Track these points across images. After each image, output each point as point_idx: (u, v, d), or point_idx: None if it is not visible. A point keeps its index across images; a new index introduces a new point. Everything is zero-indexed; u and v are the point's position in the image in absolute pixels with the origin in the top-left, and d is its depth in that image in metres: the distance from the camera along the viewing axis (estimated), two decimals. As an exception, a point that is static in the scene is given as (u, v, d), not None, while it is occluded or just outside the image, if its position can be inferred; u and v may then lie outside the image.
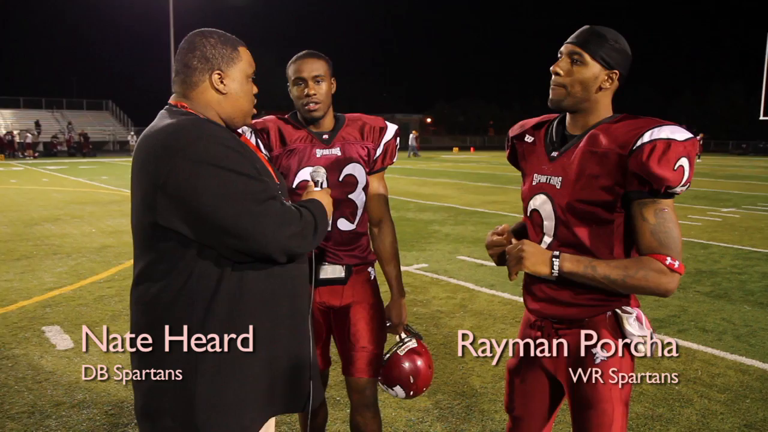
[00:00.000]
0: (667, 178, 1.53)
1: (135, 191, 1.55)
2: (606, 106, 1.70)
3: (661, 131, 1.55)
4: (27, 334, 4.46)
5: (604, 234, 1.66)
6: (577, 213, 1.67)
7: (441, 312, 5.06)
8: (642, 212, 1.59)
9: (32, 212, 11.00)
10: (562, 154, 1.73)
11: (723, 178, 20.36)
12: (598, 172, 1.62)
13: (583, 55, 1.64)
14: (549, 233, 1.75)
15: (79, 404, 3.33)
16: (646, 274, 1.55)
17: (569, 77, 1.66)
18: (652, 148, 1.53)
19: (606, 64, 1.64)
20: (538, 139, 1.84)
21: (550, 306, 1.76)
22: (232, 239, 1.46)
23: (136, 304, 1.58)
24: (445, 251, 7.60)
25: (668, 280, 1.55)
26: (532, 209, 1.80)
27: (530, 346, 1.81)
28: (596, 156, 1.62)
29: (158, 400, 1.53)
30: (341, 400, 3.42)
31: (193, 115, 1.59)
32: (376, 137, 2.33)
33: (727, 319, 4.91)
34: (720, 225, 9.83)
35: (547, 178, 1.75)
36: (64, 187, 16.07)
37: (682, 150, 1.54)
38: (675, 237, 1.57)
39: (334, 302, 2.30)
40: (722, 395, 3.46)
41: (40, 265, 6.74)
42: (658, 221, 1.58)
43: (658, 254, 1.57)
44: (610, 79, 1.66)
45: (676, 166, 1.53)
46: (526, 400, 1.91)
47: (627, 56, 1.68)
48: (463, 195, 14.52)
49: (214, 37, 1.64)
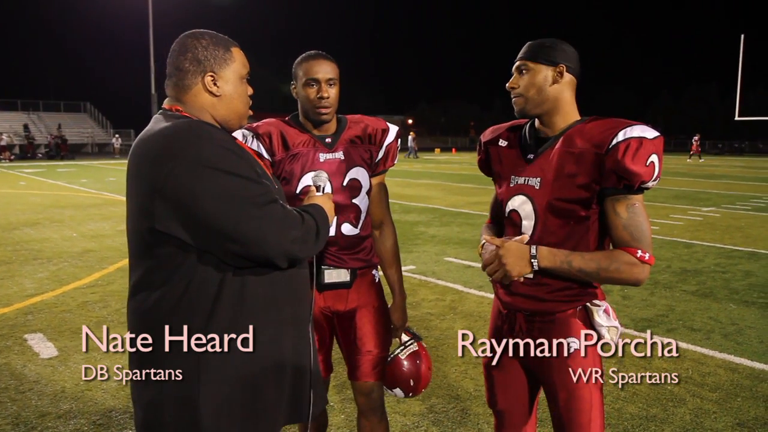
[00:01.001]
0: (640, 173, 1.64)
1: (131, 197, 1.50)
2: (569, 103, 1.80)
3: (633, 130, 1.66)
4: (8, 343, 4.35)
5: (580, 230, 1.76)
6: (556, 211, 1.76)
7: (431, 314, 5.04)
8: (615, 207, 1.70)
9: (10, 216, 10.77)
10: (539, 155, 1.81)
11: (701, 178, 20.65)
12: (576, 171, 1.72)
13: (527, 63, 1.78)
14: (527, 231, 1.82)
15: (65, 414, 3.25)
16: (619, 266, 1.67)
17: (522, 87, 1.79)
18: (627, 146, 1.64)
19: (550, 62, 1.76)
20: (511, 142, 1.94)
21: (522, 300, 1.84)
22: (232, 244, 1.42)
23: (134, 314, 1.53)
24: (432, 253, 7.58)
25: (639, 271, 1.67)
26: (510, 209, 1.88)
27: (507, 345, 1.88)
28: (573, 156, 1.72)
29: (160, 412, 1.48)
30: (334, 405, 3.37)
31: (189, 118, 1.55)
32: (378, 140, 2.29)
33: (714, 317, 4.95)
34: (701, 224, 9.95)
35: (525, 179, 1.83)
36: (43, 191, 15.79)
37: (652, 147, 1.65)
38: (645, 230, 1.69)
39: (339, 307, 2.27)
40: (714, 394, 3.48)
41: (19, 270, 6.60)
42: (630, 215, 1.69)
43: (630, 247, 1.68)
44: (559, 74, 1.76)
45: (648, 162, 1.64)
46: (507, 392, 1.97)
47: (569, 52, 1.78)
48: (447, 196, 14.54)
49: (206, 38, 1.59)
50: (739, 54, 40.70)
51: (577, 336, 1.78)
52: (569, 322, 1.80)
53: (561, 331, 1.80)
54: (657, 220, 10.29)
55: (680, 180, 19.48)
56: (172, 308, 1.46)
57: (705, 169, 26.43)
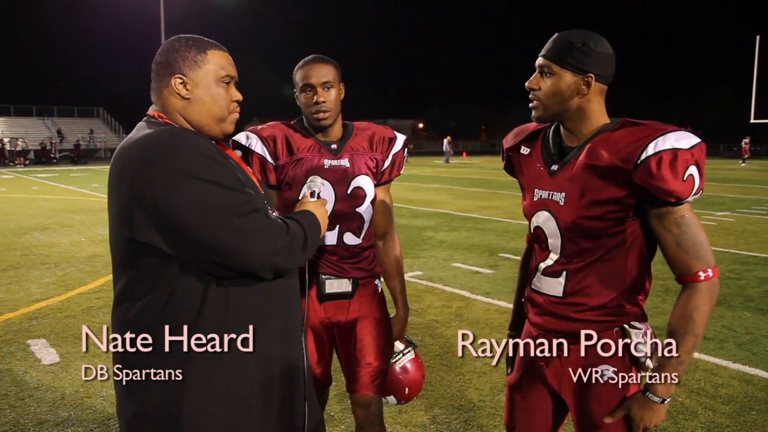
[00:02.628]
0: (676, 190, 1.46)
1: (112, 206, 1.46)
2: (596, 111, 1.62)
3: (665, 141, 1.46)
4: (11, 348, 4.33)
5: (615, 245, 1.59)
6: (583, 230, 1.59)
7: (437, 321, 4.97)
8: (663, 223, 1.53)
9: (21, 221, 10.83)
10: (562, 167, 1.65)
11: (715, 182, 20.38)
12: (602, 187, 1.55)
13: (551, 66, 1.59)
14: (555, 251, 1.68)
15: (63, 422, 3.21)
16: (699, 314, 1.51)
17: (542, 91, 1.61)
18: (659, 161, 1.45)
19: (577, 69, 1.57)
20: (534, 150, 1.77)
21: (554, 320, 1.70)
22: (212, 255, 1.37)
23: (118, 325, 1.48)
24: (439, 258, 7.51)
25: (711, 293, 1.52)
26: (535, 226, 1.73)
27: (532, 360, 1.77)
28: (599, 170, 1.55)
29: (142, 427, 1.44)
30: (335, 415, 3.31)
31: (171, 125, 1.50)
32: (385, 148, 2.24)
33: (727, 326, 4.83)
34: (715, 229, 9.79)
35: (549, 194, 1.67)
36: (54, 195, 15.90)
37: (689, 158, 1.46)
38: (702, 242, 1.52)
39: (339, 317, 2.21)
40: (727, 407, 3.37)
41: (27, 275, 6.60)
42: (682, 230, 1.52)
43: (689, 275, 1.53)
44: (586, 84, 1.58)
45: (686, 176, 1.45)
46: (528, 418, 1.83)
47: (600, 56, 1.58)
48: (456, 200, 14.45)
49: (181, 41, 1.56)
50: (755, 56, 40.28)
51: (612, 363, 1.62)
52: (603, 346, 1.63)
53: (595, 356, 1.62)
54: (670, 225, 10.14)
55: (694, 184, 19.24)
56: (154, 320, 1.42)
57: (719, 172, 26.11)
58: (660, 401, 1.56)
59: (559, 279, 1.67)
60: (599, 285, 1.62)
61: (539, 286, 1.74)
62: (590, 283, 1.63)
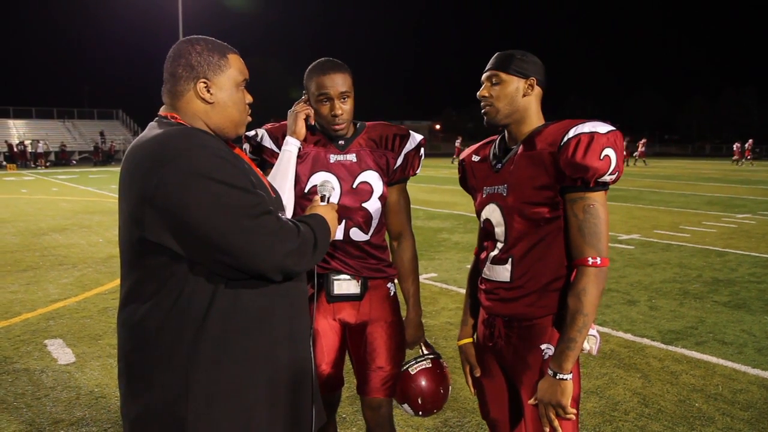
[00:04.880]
0: (593, 167, 1.64)
1: (122, 205, 1.46)
2: (536, 113, 1.85)
3: (584, 126, 1.68)
4: (29, 348, 4.38)
5: (551, 230, 1.76)
6: (523, 214, 1.78)
7: (451, 324, 4.94)
8: (572, 208, 1.71)
9: (40, 222, 10.98)
10: (504, 164, 1.87)
11: (736, 183, 20.08)
12: (535, 173, 1.75)
13: (499, 74, 1.82)
14: (500, 239, 1.86)
15: (78, 422, 3.24)
16: (586, 295, 1.66)
17: (494, 97, 1.83)
18: (577, 142, 1.66)
19: (521, 74, 1.81)
20: (483, 156, 2.00)
21: (502, 305, 1.86)
22: (223, 256, 1.37)
23: (123, 326, 1.48)
24: (454, 260, 7.47)
25: (598, 279, 1.67)
26: (484, 219, 1.92)
27: (485, 343, 1.96)
28: (532, 158, 1.76)
29: (145, 429, 1.43)
30: (347, 417, 3.30)
31: (183, 125, 1.50)
32: (396, 146, 2.22)
33: (747, 330, 4.75)
34: (735, 232, 9.64)
35: (494, 188, 1.88)
36: (74, 197, 16.10)
37: (605, 141, 1.65)
38: (600, 233, 1.68)
39: (349, 319, 2.20)
40: (745, 413, 3.31)
41: (45, 276, 6.69)
42: (586, 217, 1.69)
43: (580, 258, 1.69)
44: (530, 87, 1.82)
45: (602, 156, 1.64)
46: (498, 399, 1.97)
47: (538, 64, 1.84)
48: (472, 202, 14.32)
49: (200, 44, 1.55)
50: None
51: (554, 342, 1.77)
52: (546, 327, 1.79)
53: (537, 337, 1.80)
54: (688, 227, 10.01)
55: (713, 186, 18.99)
56: (161, 321, 1.41)
57: (741, 174, 25.74)
58: (552, 374, 1.70)
59: (506, 266, 1.84)
60: (540, 269, 1.78)
61: (489, 274, 1.91)
62: (533, 268, 1.79)
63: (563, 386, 1.68)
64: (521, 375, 1.83)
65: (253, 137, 2.20)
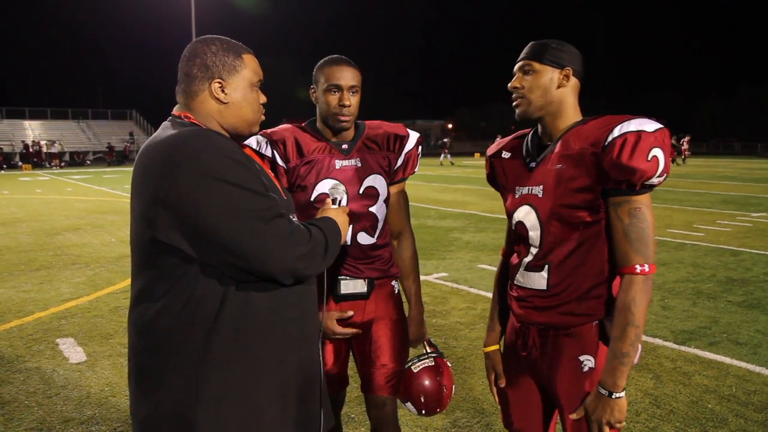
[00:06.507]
0: (641, 169, 1.53)
1: (135, 205, 1.46)
2: (572, 106, 1.72)
3: (630, 124, 1.56)
4: (41, 347, 4.42)
5: (591, 235, 1.65)
6: (561, 218, 1.67)
7: (461, 324, 4.92)
8: (617, 212, 1.60)
9: (54, 222, 11.09)
10: (539, 163, 1.74)
11: (752, 182, 19.84)
12: (575, 174, 1.63)
13: (532, 64, 1.70)
14: (535, 244, 1.74)
15: (88, 420, 3.26)
16: (636, 306, 1.56)
17: (526, 88, 1.71)
18: (623, 142, 1.54)
19: (556, 64, 1.69)
20: (515, 153, 1.87)
21: (537, 313, 1.75)
22: (234, 258, 1.36)
23: (134, 326, 1.48)
24: (465, 260, 7.44)
25: (646, 287, 1.58)
26: (516, 221, 1.80)
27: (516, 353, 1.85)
28: (572, 158, 1.64)
29: (155, 429, 1.43)
30: (356, 417, 3.29)
31: (197, 126, 1.49)
32: (397, 146, 2.21)
33: (761, 330, 4.68)
34: (751, 231, 9.52)
35: (529, 189, 1.76)
36: (87, 197, 16.24)
37: (653, 140, 1.54)
38: (647, 238, 1.58)
39: (355, 318, 2.19)
40: (759, 415, 3.26)
41: (58, 275, 6.74)
42: (632, 221, 1.58)
43: (627, 266, 1.59)
44: (565, 77, 1.70)
45: (650, 156, 1.53)
46: (523, 410, 1.88)
47: (574, 54, 1.71)
48: (484, 201, 14.34)
49: (215, 44, 1.54)
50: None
51: (592, 354, 1.67)
52: (585, 337, 1.69)
53: (575, 348, 1.70)
54: (702, 226, 9.90)
55: (728, 184, 18.78)
56: (171, 322, 1.41)
57: (756, 172, 25.42)
58: (607, 394, 1.58)
59: (542, 273, 1.73)
60: (580, 276, 1.67)
61: (522, 281, 1.79)
62: (571, 274, 1.68)
63: (620, 405, 1.58)
64: (559, 388, 1.72)
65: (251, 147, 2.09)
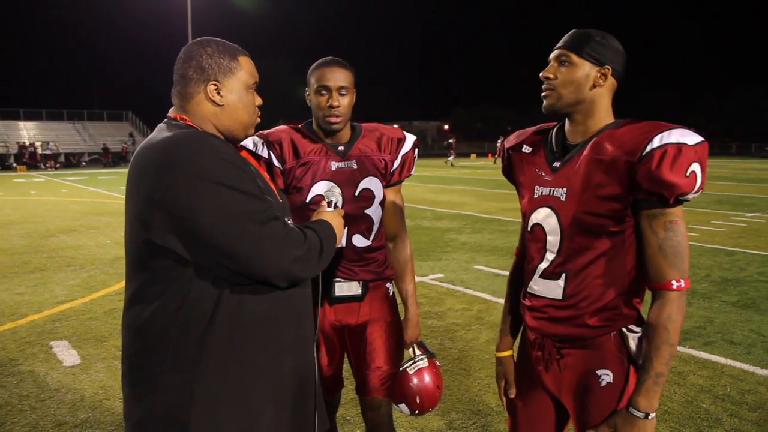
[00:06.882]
0: (679, 184, 1.44)
1: (129, 207, 1.45)
2: (605, 107, 1.61)
3: (671, 135, 1.45)
4: (34, 350, 4.39)
5: (614, 245, 1.56)
6: (584, 226, 1.57)
7: (456, 324, 4.91)
8: (651, 224, 1.51)
9: (48, 224, 11.05)
10: (565, 163, 1.63)
11: (746, 182, 19.90)
12: (605, 181, 1.53)
13: (570, 55, 1.58)
14: (553, 249, 1.64)
15: (81, 424, 3.24)
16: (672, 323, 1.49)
17: (559, 80, 1.59)
18: (663, 154, 1.44)
19: (596, 60, 1.57)
20: (536, 148, 1.75)
21: (552, 325, 1.66)
22: (229, 261, 1.36)
23: (128, 329, 1.47)
24: (461, 260, 7.44)
25: (681, 303, 1.50)
26: (534, 224, 1.70)
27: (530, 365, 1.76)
28: (603, 164, 1.53)
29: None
30: (351, 419, 3.29)
31: (193, 128, 1.49)
32: (393, 149, 2.21)
33: (756, 330, 4.69)
34: (745, 231, 9.55)
35: (550, 190, 1.65)
36: (82, 198, 16.19)
37: (693, 155, 1.45)
38: (682, 252, 1.50)
39: (350, 320, 2.19)
40: (754, 414, 3.26)
41: (52, 277, 6.72)
42: (668, 235, 1.50)
43: (662, 282, 1.50)
44: (603, 76, 1.58)
45: (689, 172, 1.44)
46: (531, 424, 1.81)
47: (617, 51, 1.59)
48: (480, 202, 14.35)
49: (211, 46, 1.54)
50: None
51: (611, 367, 1.59)
52: (603, 350, 1.60)
53: (593, 361, 1.61)
54: (696, 226, 9.92)
55: (723, 184, 18.83)
56: (166, 324, 1.40)
57: (750, 172, 25.50)
58: (643, 416, 1.50)
59: (558, 281, 1.64)
60: (599, 287, 1.59)
61: (537, 289, 1.70)
62: (590, 285, 1.59)
63: (652, 425, 1.51)
64: (574, 402, 1.65)
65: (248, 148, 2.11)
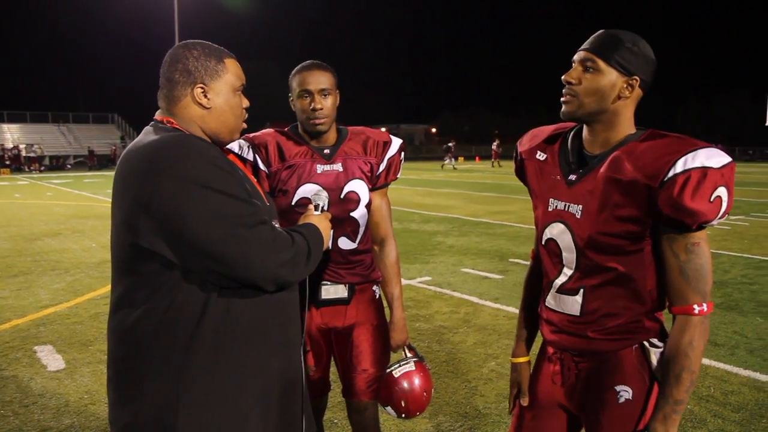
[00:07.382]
0: (702, 212, 1.36)
1: (116, 210, 1.44)
2: (628, 119, 1.51)
3: (695, 158, 1.35)
4: (18, 355, 4.34)
5: (633, 263, 1.50)
6: (600, 246, 1.50)
7: (444, 327, 4.93)
8: (672, 247, 1.44)
9: (33, 227, 10.93)
10: (581, 177, 1.54)
11: (730, 185, 20.08)
12: (623, 202, 1.44)
13: (597, 61, 1.46)
14: (569, 265, 1.58)
15: (66, 429, 3.21)
16: (693, 350, 1.43)
17: (582, 86, 1.48)
18: (686, 180, 1.34)
19: (624, 69, 1.46)
20: (551, 156, 1.65)
21: (571, 338, 1.62)
22: (217, 265, 1.35)
23: (114, 333, 1.46)
24: (448, 263, 7.46)
25: (704, 328, 1.44)
26: (548, 238, 1.63)
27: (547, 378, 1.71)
28: (621, 184, 1.44)
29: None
30: (338, 422, 3.28)
31: (179, 131, 1.49)
32: (379, 152, 2.22)
33: (739, 332, 4.74)
34: (729, 233, 9.66)
35: (565, 205, 1.57)
36: (68, 201, 16.03)
37: (719, 179, 1.35)
38: (705, 275, 1.43)
39: (336, 323, 2.20)
40: (737, 415, 3.30)
41: (37, 281, 6.65)
42: (690, 257, 1.43)
43: (683, 306, 1.45)
44: (629, 87, 1.47)
45: (713, 197, 1.35)
46: None
47: (648, 60, 1.48)
48: (467, 205, 14.39)
49: (197, 49, 1.54)
50: (770, 58, 39.71)
51: (630, 384, 1.53)
52: (622, 365, 1.55)
53: (612, 376, 1.55)
54: (682, 229, 10.00)
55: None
56: (152, 328, 1.40)
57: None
58: None
59: (575, 297, 1.58)
60: (618, 303, 1.53)
61: (554, 304, 1.65)
62: (609, 302, 1.53)
63: None
64: (591, 418, 1.59)
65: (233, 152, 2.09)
